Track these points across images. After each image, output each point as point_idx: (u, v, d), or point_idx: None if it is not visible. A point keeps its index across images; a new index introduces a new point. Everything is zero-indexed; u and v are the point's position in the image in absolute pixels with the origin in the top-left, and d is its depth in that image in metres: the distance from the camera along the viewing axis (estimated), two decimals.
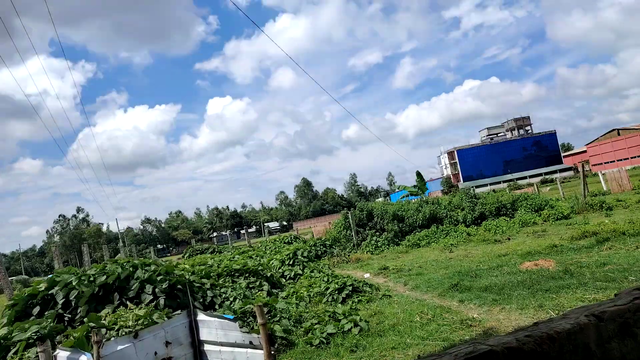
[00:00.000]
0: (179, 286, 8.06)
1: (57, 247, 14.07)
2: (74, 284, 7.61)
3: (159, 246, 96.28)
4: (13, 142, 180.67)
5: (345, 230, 19.30)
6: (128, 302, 7.32)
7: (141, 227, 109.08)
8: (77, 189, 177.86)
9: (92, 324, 5.89)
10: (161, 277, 8.07)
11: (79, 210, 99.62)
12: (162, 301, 7.49)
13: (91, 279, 7.77)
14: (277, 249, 19.73)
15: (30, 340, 6.15)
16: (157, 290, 7.69)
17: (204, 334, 4.65)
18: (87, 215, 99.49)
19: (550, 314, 5.86)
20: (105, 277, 7.71)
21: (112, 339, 4.77)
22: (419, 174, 26.00)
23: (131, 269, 8.13)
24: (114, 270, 7.95)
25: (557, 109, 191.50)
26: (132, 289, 7.64)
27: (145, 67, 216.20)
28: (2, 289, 11.36)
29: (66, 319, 7.25)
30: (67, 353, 4.07)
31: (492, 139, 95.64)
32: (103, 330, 5.86)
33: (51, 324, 6.59)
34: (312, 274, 11.94)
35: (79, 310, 7.24)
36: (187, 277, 8.72)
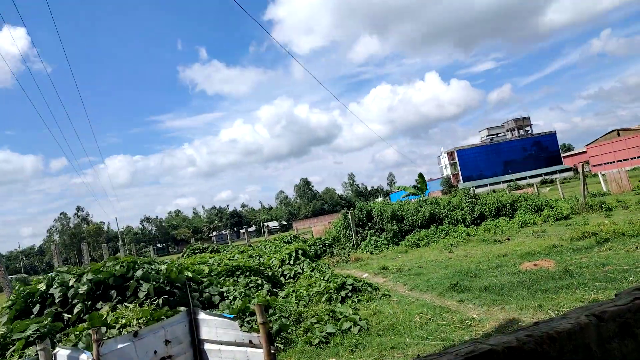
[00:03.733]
0: (178, 285, 8.06)
1: (56, 246, 14.06)
2: (71, 282, 7.61)
3: (158, 245, 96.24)
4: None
5: (344, 230, 19.31)
6: (126, 301, 7.32)
7: (140, 225, 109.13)
8: (78, 186, 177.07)
9: (92, 323, 5.89)
10: (160, 275, 8.06)
11: (79, 209, 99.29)
12: (160, 300, 7.49)
13: (89, 277, 7.76)
14: (277, 248, 19.77)
15: (30, 339, 6.16)
16: (155, 288, 7.69)
17: (203, 333, 4.65)
18: (88, 215, 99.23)
19: (549, 314, 5.87)
20: (102, 275, 7.71)
21: (112, 337, 4.76)
22: (421, 175, 26.18)
23: (129, 267, 8.13)
24: (112, 268, 7.94)
25: None
26: (130, 288, 7.64)
27: None
28: (1, 287, 11.36)
29: (64, 317, 7.25)
30: (67, 351, 4.07)
31: (492, 139, 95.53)
32: (103, 329, 5.86)
33: (50, 323, 6.59)
34: (312, 273, 11.95)
35: (76, 309, 7.24)
36: (186, 275, 8.72)
